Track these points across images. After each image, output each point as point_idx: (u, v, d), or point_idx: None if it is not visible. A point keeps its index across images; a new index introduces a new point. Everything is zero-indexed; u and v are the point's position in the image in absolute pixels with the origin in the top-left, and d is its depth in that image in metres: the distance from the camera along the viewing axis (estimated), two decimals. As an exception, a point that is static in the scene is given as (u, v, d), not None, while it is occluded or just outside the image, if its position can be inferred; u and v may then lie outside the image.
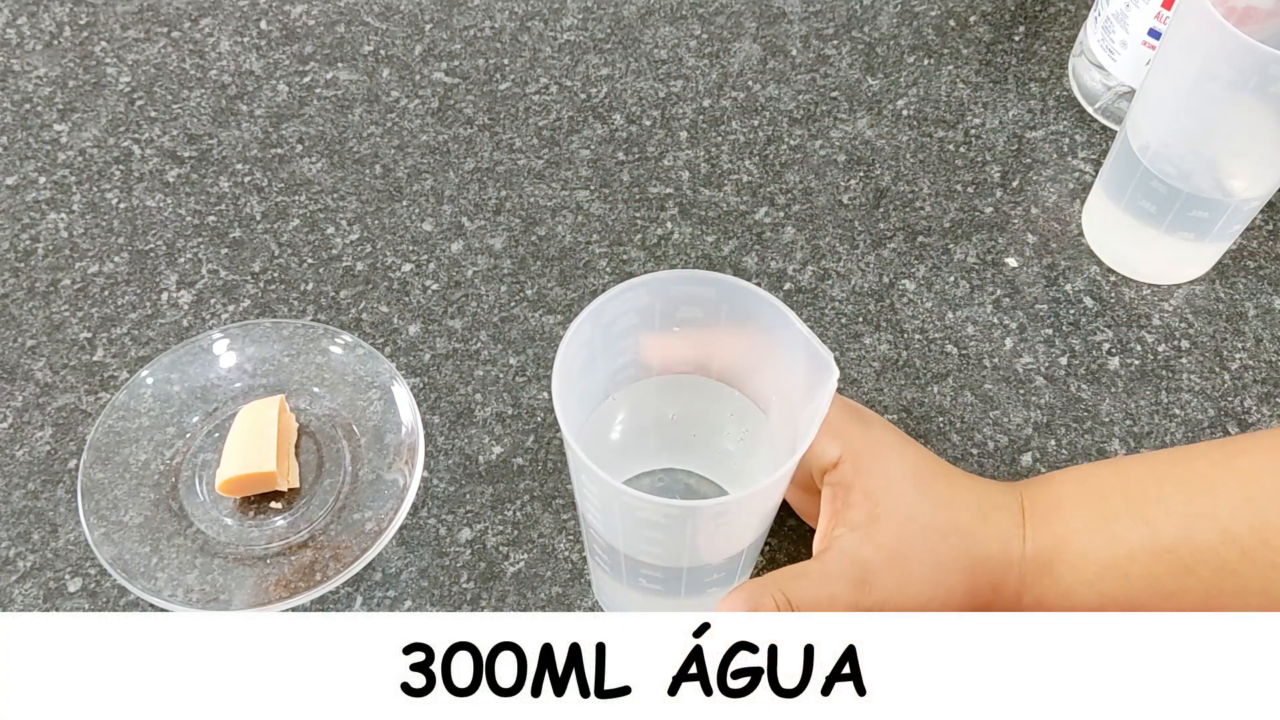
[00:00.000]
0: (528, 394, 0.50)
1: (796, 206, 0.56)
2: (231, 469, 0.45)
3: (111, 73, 0.61)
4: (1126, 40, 0.56)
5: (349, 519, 0.46)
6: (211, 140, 0.58)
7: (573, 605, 0.45)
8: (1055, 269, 0.55)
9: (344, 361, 0.50)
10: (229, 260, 0.54)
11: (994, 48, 0.63)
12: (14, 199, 0.56)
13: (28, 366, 0.51)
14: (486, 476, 0.48)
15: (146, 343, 0.51)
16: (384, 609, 0.45)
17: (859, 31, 0.64)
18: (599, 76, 0.61)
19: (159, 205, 0.56)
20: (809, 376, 0.34)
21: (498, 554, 0.46)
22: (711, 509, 0.32)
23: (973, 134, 0.59)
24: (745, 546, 0.37)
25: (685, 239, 0.55)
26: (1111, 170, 0.53)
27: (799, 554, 0.46)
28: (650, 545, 0.35)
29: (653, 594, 0.39)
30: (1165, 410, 0.50)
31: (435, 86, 0.61)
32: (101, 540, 0.44)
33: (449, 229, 0.55)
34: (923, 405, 0.50)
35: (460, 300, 0.53)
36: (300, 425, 0.49)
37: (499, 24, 0.63)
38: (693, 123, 0.60)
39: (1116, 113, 0.59)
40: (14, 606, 0.44)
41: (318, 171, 0.57)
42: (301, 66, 0.62)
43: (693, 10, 0.64)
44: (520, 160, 0.58)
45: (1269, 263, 0.55)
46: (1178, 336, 0.53)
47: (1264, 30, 0.47)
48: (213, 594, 0.44)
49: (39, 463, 0.48)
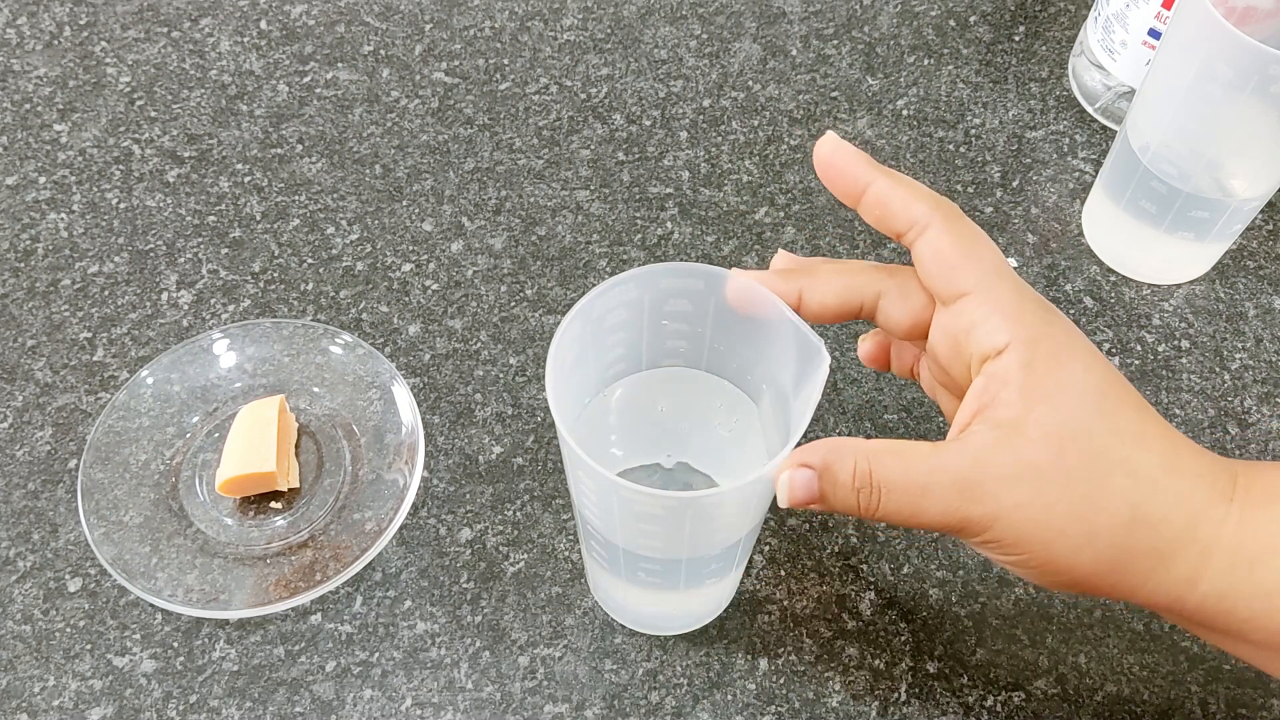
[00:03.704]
0: (528, 394, 0.50)
1: (796, 206, 0.56)
2: (231, 469, 0.45)
3: (111, 73, 0.61)
4: (1126, 40, 0.56)
5: (349, 519, 0.46)
6: (211, 140, 0.58)
7: (573, 605, 0.45)
8: (1055, 269, 0.55)
9: (344, 361, 0.50)
10: (229, 260, 0.54)
11: (994, 48, 0.63)
12: (14, 199, 0.56)
13: (28, 366, 0.51)
14: (486, 476, 0.48)
15: (146, 343, 0.51)
16: (384, 609, 0.45)
17: (859, 31, 0.64)
18: (599, 76, 0.61)
19: (159, 205, 0.56)
20: (800, 365, 0.34)
21: (498, 554, 0.46)
22: (709, 500, 0.32)
23: (973, 134, 0.59)
24: (743, 535, 0.37)
25: (685, 239, 0.55)
26: (1111, 170, 0.53)
27: (799, 555, 0.46)
28: (649, 538, 0.35)
29: (652, 588, 0.39)
30: (1165, 410, 0.50)
31: (435, 86, 0.61)
32: (101, 540, 0.44)
33: (449, 229, 0.55)
34: (923, 405, 0.50)
35: (460, 300, 0.53)
36: (300, 425, 0.49)
37: (499, 24, 0.63)
38: (693, 123, 0.60)
39: (1116, 113, 0.59)
40: (14, 606, 0.44)
41: (318, 171, 0.57)
42: (301, 66, 0.62)
43: (693, 10, 0.64)
44: (520, 160, 0.58)
45: (1269, 263, 0.55)
46: (1178, 336, 0.52)
47: (1264, 30, 0.47)
48: (213, 594, 0.44)
49: (39, 463, 0.48)
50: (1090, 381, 0.31)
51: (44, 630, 0.44)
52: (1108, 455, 0.31)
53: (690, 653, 0.44)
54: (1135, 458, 0.31)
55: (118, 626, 0.44)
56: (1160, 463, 0.31)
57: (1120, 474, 0.31)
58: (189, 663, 0.43)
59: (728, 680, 0.43)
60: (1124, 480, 0.31)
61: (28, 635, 0.44)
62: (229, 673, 0.43)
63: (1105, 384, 0.32)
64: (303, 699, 0.43)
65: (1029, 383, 0.31)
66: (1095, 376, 0.32)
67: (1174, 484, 0.31)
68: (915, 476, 0.31)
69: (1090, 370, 0.32)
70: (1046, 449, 0.30)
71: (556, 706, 0.43)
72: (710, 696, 0.43)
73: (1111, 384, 0.32)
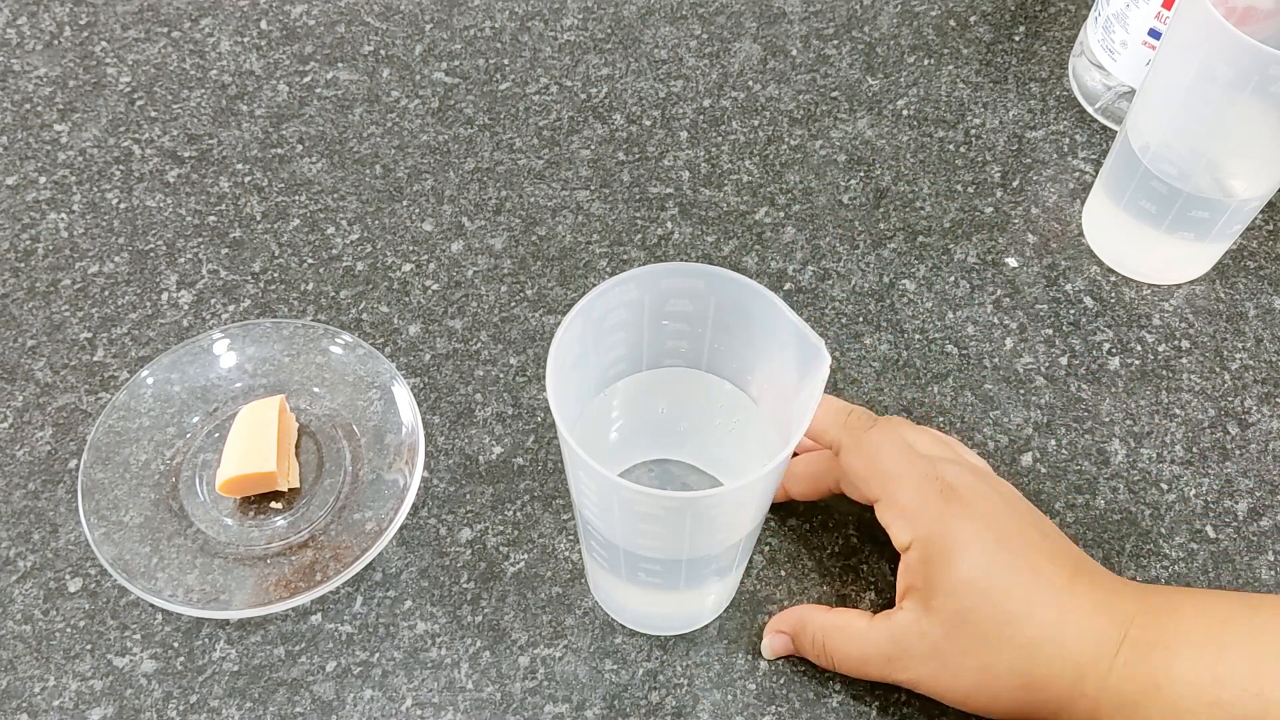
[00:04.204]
0: (528, 394, 0.50)
1: (797, 206, 0.56)
2: (231, 469, 0.45)
3: (111, 73, 0.61)
4: (1126, 40, 0.56)
5: (349, 519, 0.46)
6: (211, 140, 0.58)
7: (573, 606, 0.45)
8: (1055, 269, 0.55)
9: (344, 361, 0.50)
10: (229, 260, 0.54)
11: (994, 48, 0.63)
12: (14, 199, 0.56)
13: (28, 366, 0.51)
14: (486, 476, 0.48)
15: (147, 343, 0.51)
16: (384, 609, 0.45)
17: (859, 31, 0.64)
18: (599, 76, 0.61)
19: (159, 205, 0.56)
20: (800, 365, 0.34)
21: (498, 554, 0.46)
22: (709, 499, 0.32)
23: (973, 134, 0.59)
24: (743, 535, 0.37)
25: (685, 239, 0.55)
26: (1111, 170, 0.53)
27: (799, 555, 0.46)
28: (649, 538, 0.35)
29: (652, 588, 0.39)
30: (1165, 410, 0.50)
31: (435, 86, 0.61)
32: (101, 540, 0.44)
33: (449, 229, 0.55)
34: (923, 405, 0.50)
35: (460, 300, 0.53)
36: (300, 425, 0.49)
37: (499, 24, 0.63)
38: (693, 123, 0.60)
39: (1116, 113, 0.59)
40: (14, 606, 0.44)
41: (318, 171, 0.57)
42: (301, 66, 0.62)
43: (693, 10, 0.64)
44: (520, 160, 0.58)
45: (1269, 263, 0.55)
46: (1178, 336, 0.52)
47: (1264, 30, 0.47)
48: (213, 594, 0.44)
49: (39, 463, 0.48)
50: (979, 570, 0.37)
51: (44, 630, 0.44)
52: (998, 634, 0.37)
53: (690, 653, 0.44)
54: (1022, 634, 0.36)
55: (118, 627, 0.44)
56: (1045, 634, 0.36)
57: (1009, 649, 0.37)
58: (189, 663, 0.43)
59: (728, 680, 0.43)
60: (1012, 654, 0.37)
61: (28, 635, 0.44)
62: (229, 673, 0.43)
63: (993, 569, 0.37)
64: (303, 699, 0.43)
65: (929, 575, 0.38)
66: (984, 563, 0.37)
67: (1060, 649, 0.36)
68: (854, 649, 0.40)
69: (979, 559, 0.37)
70: (947, 633, 0.37)
71: (557, 706, 0.43)
72: (710, 696, 0.43)
73: (1000, 567, 0.37)
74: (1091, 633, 0.36)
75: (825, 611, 0.41)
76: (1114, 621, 0.37)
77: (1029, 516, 0.40)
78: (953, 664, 0.37)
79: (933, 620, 0.37)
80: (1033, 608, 0.37)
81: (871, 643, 0.39)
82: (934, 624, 0.37)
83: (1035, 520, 0.40)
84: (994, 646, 0.37)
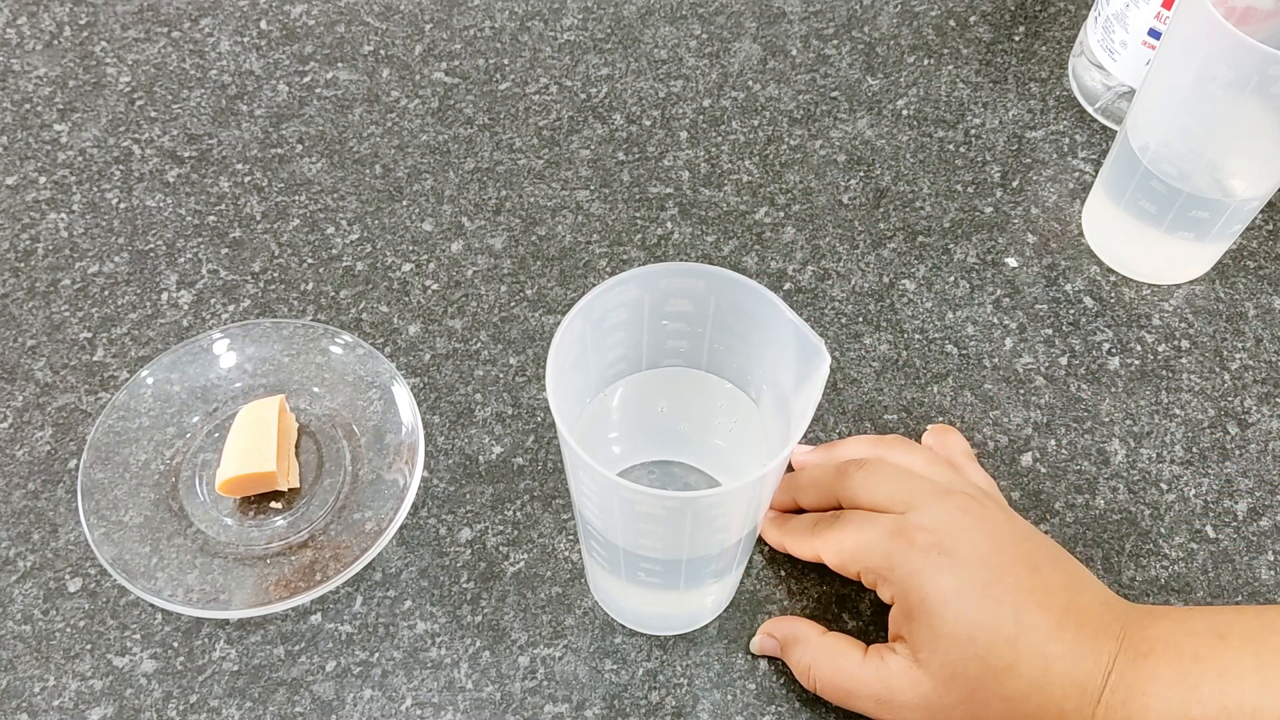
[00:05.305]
0: (528, 394, 0.50)
1: (796, 206, 0.56)
2: (231, 469, 0.45)
3: (111, 73, 0.61)
4: (1126, 40, 0.56)
5: (349, 519, 0.46)
6: (211, 140, 0.58)
7: (573, 605, 0.45)
8: (1055, 269, 0.55)
9: (344, 361, 0.50)
10: (229, 260, 0.54)
11: (994, 48, 0.63)
12: (14, 199, 0.56)
13: (28, 366, 0.51)
14: (486, 476, 0.48)
15: (146, 343, 0.51)
16: (384, 609, 0.45)
17: (859, 31, 0.64)
18: (599, 76, 0.61)
19: (159, 205, 0.56)
20: (800, 364, 0.34)
21: (498, 554, 0.46)
22: (709, 499, 0.32)
23: (973, 134, 0.59)
24: (743, 535, 0.37)
25: (685, 239, 0.55)
26: (1111, 170, 0.53)
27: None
28: (649, 538, 0.35)
29: (652, 588, 0.39)
30: (1165, 410, 0.50)
31: (435, 86, 0.61)
32: (101, 540, 0.44)
33: (449, 229, 0.55)
34: (923, 405, 0.50)
35: (460, 300, 0.53)
36: (300, 425, 0.49)
37: (499, 24, 0.63)
38: (693, 123, 0.60)
39: (1116, 113, 0.59)
40: (14, 606, 0.44)
41: (318, 171, 0.57)
42: (301, 66, 0.62)
43: (693, 10, 0.64)
44: (520, 160, 0.58)
45: (1269, 263, 0.55)
46: (1178, 336, 0.53)
47: (1264, 30, 0.47)
48: (213, 594, 0.44)
49: (39, 463, 0.48)
50: (962, 627, 0.38)
51: (44, 630, 0.44)
52: (985, 690, 0.37)
53: (690, 653, 0.44)
54: (1008, 687, 0.37)
55: (118, 626, 0.44)
56: (1031, 687, 0.37)
57: (996, 702, 0.37)
58: (189, 663, 0.43)
59: (727, 680, 0.43)
60: (1000, 706, 0.37)
61: (28, 635, 0.44)
62: (229, 673, 0.43)
63: (977, 624, 0.37)
64: (303, 699, 0.43)
65: (914, 632, 0.39)
66: (967, 619, 0.38)
67: (1047, 699, 0.37)
68: (843, 682, 0.40)
69: (962, 614, 0.38)
70: (936, 686, 0.38)
71: (556, 706, 0.43)
72: (710, 696, 0.43)
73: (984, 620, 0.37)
74: (1076, 683, 0.37)
75: (821, 634, 0.42)
76: (1098, 665, 0.37)
77: (1018, 551, 0.39)
78: (941, 716, 0.38)
79: (923, 673, 0.38)
80: (1019, 660, 0.37)
81: (863, 682, 0.40)
82: (924, 676, 0.38)
83: (1026, 554, 0.39)
84: (982, 700, 0.38)
